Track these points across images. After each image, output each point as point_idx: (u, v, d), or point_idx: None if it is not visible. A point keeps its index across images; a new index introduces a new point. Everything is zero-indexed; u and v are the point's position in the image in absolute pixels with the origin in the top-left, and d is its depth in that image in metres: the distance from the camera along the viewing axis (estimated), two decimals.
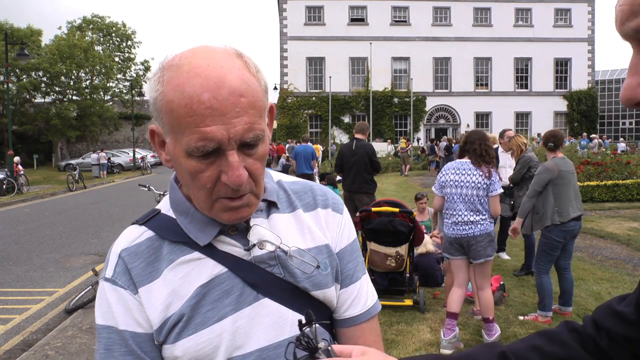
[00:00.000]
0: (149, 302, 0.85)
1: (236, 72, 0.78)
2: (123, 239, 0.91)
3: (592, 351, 0.74)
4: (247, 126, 0.78)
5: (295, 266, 0.89)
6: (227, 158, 0.78)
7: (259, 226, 0.89)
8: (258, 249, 0.88)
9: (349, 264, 0.98)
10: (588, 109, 37.66)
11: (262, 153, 0.83)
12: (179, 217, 0.90)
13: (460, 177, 4.00)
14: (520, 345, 0.78)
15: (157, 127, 0.86)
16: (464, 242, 4.00)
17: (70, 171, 20.94)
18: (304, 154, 11.15)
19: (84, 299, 5.35)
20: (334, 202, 1.01)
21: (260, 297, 0.87)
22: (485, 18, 37.45)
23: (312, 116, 36.46)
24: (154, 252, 0.88)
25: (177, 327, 0.84)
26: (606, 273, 6.05)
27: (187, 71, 0.77)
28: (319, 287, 0.91)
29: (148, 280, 0.86)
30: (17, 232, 10.32)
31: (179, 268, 0.86)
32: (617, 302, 0.75)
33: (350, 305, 0.97)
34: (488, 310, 4.06)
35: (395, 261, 5.02)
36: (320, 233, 0.96)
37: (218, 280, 0.86)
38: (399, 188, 16.41)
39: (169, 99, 0.77)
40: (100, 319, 0.87)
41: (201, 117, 0.75)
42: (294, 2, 36.29)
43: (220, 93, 0.75)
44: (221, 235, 0.88)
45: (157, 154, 0.90)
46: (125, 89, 37.88)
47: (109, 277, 0.87)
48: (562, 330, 0.79)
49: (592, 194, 11.76)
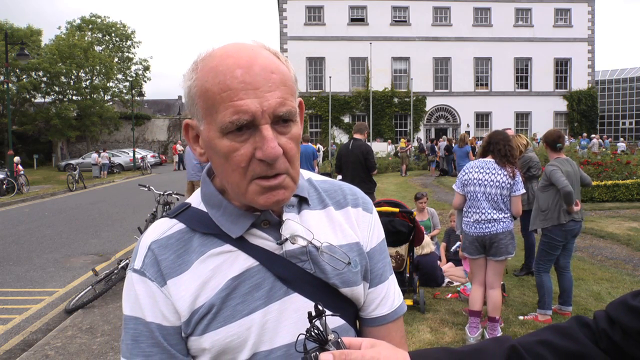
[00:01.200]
0: (177, 294, 0.85)
1: (266, 54, 0.83)
2: (153, 231, 0.91)
3: (605, 346, 0.74)
4: (280, 100, 0.79)
5: (326, 262, 0.89)
6: (262, 132, 0.79)
7: (292, 220, 0.89)
8: (290, 243, 0.87)
9: (378, 263, 0.98)
10: (588, 109, 37.68)
11: (296, 134, 0.84)
12: (210, 210, 0.90)
13: (485, 175, 4.05)
14: (530, 340, 0.78)
15: (191, 121, 0.88)
16: (485, 240, 4.03)
17: (70, 171, 20.92)
18: (305, 154, 11.15)
19: (84, 299, 5.35)
20: (364, 201, 1.01)
21: (290, 292, 0.87)
22: (485, 18, 37.45)
23: (312, 116, 36.45)
24: (185, 244, 0.88)
25: (206, 318, 0.84)
26: (606, 273, 6.05)
27: (220, 55, 0.81)
28: (347, 285, 0.91)
29: (177, 272, 0.86)
30: (17, 232, 10.32)
31: (209, 260, 0.86)
32: (632, 297, 0.75)
33: (378, 304, 0.97)
34: (495, 309, 4.10)
35: (395, 261, 5.02)
36: (351, 231, 0.96)
37: (249, 273, 0.86)
38: (399, 188, 16.41)
39: (203, 81, 0.81)
40: (128, 310, 0.87)
41: (235, 92, 0.78)
42: (294, 2, 36.29)
43: (252, 69, 0.79)
44: (253, 229, 0.88)
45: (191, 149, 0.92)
46: (125, 89, 37.89)
47: (137, 269, 0.87)
48: (573, 325, 0.79)
49: (592, 194, 11.75)
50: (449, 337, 4.27)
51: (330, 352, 0.68)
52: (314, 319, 0.71)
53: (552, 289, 4.64)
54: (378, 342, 0.74)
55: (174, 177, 24.37)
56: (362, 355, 0.69)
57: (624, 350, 0.72)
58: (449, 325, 4.51)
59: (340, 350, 0.69)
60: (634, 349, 0.72)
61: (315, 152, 11.79)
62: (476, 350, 0.77)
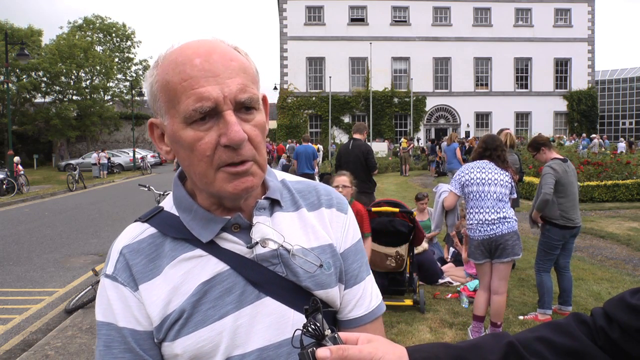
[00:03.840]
0: (149, 299, 0.84)
1: (225, 45, 0.84)
2: (125, 236, 0.91)
3: (602, 343, 0.74)
4: (241, 86, 0.80)
5: (298, 265, 0.88)
6: (225, 118, 0.79)
7: (262, 224, 0.88)
8: (261, 247, 0.87)
9: (353, 264, 0.97)
10: (588, 109, 37.68)
11: (260, 121, 0.84)
12: (181, 214, 0.89)
13: (487, 174, 4.01)
14: (528, 336, 0.78)
15: (155, 119, 0.88)
16: (492, 243, 3.93)
17: (70, 171, 20.92)
18: (305, 154, 11.18)
19: (84, 299, 5.34)
20: (338, 201, 1.00)
21: (262, 296, 0.86)
22: (485, 18, 37.45)
23: (312, 116, 36.46)
24: (156, 249, 0.87)
25: (177, 324, 0.84)
26: (606, 273, 6.05)
27: (179, 48, 0.83)
28: (321, 287, 0.90)
29: (149, 277, 0.85)
30: (17, 232, 10.32)
31: (180, 265, 0.86)
32: (630, 295, 0.75)
33: (354, 306, 0.96)
34: (498, 314, 4.05)
35: (395, 261, 5.02)
36: (324, 232, 0.94)
37: (220, 278, 0.85)
38: (399, 188, 16.41)
39: (163, 75, 0.82)
40: (100, 316, 0.87)
41: (195, 79, 0.78)
42: (294, 2, 36.29)
43: (211, 57, 0.80)
44: (224, 233, 0.87)
45: (156, 148, 0.92)
46: (125, 89, 37.90)
47: (109, 274, 0.87)
48: (571, 322, 0.79)
49: (592, 194, 11.75)
50: (448, 337, 4.28)
51: (328, 347, 0.67)
52: (311, 314, 0.70)
53: (552, 289, 4.64)
54: (375, 337, 0.74)
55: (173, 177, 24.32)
56: (359, 351, 0.69)
57: (622, 347, 0.73)
58: (449, 325, 4.51)
59: (338, 345, 0.68)
60: (631, 346, 0.72)
61: (315, 152, 11.80)
62: (474, 345, 0.77)
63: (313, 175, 11.41)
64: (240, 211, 0.89)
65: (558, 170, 4.50)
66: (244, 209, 0.90)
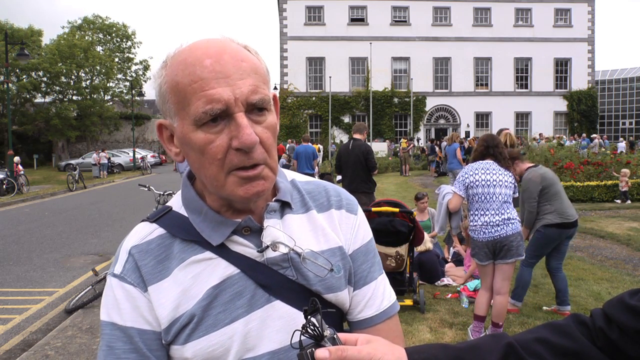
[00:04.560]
0: (157, 301, 0.84)
1: (235, 45, 0.82)
2: (133, 236, 0.90)
3: (602, 344, 0.74)
4: (252, 87, 0.78)
5: (308, 269, 0.88)
6: (236, 120, 0.77)
7: (273, 227, 0.87)
8: (271, 250, 0.86)
9: (362, 265, 0.96)
10: (588, 109, 37.67)
11: (271, 123, 0.83)
12: (191, 215, 0.88)
13: (492, 176, 3.99)
14: (527, 337, 0.78)
15: (164, 120, 0.86)
16: (497, 244, 3.92)
17: (70, 171, 20.93)
18: (305, 154, 11.18)
19: (84, 299, 5.35)
20: (347, 202, 0.99)
21: (272, 300, 0.86)
22: (485, 18, 37.45)
23: (312, 116, 36.46)
24: (165, 250, 0.87)
25: (188, 328, 0.83)
26: (606, 273, 6.05)
27: (188, 49, 0.81)
28: (331, 290, 0.90)
29: (158, 278, 0.85)
30: (17, 232, 10.31)
31: (190, 267, 0.85)
32: (629, 296, 0.75)
33: (364, 307, 0.95)
34: (500, 315, 4.05)
35: (395, 261, 5.02)
36: (333, 235, 0.94)
37: (230, 281, 0.85)
38: (399, 188, 16.41)
39: (172, 76, 0.80)
40: (105, 315, 0.86)
41: (206, 81, 0.76)
42: (294, 2, 36.29)
43: (222, 57, 0.78)
44: (234, 236, 0.87)
45: (165, 150, 0.90)
46: (125, 89, 37.89)
47: (117, 274, 0.86)
48: (570, 322, 0.79)
49: (592, 194, 11.75)
50: (448, 337, 4.28)
51: (327, 348, 0.67)
52: (310, 315, 0.70)
53: (529, 284, 4.80)
54: (374, 338, 0.74)
55: (173, 177, 24.33)
56: (358, 351, 0.69)
57: (621, 348, 0.73)
58: (449, 325, 4.51)
59: (337, 346, 0.69)
60: (630, 347, 0.72)
61: (316, 152, 11.79)
62: (473, 346, 0.77)
63: (313, 176, 11.41)
64: (250, 213, 0.88)
65: (536, 181, 4.54)
66: (254, 211, 0.89)
